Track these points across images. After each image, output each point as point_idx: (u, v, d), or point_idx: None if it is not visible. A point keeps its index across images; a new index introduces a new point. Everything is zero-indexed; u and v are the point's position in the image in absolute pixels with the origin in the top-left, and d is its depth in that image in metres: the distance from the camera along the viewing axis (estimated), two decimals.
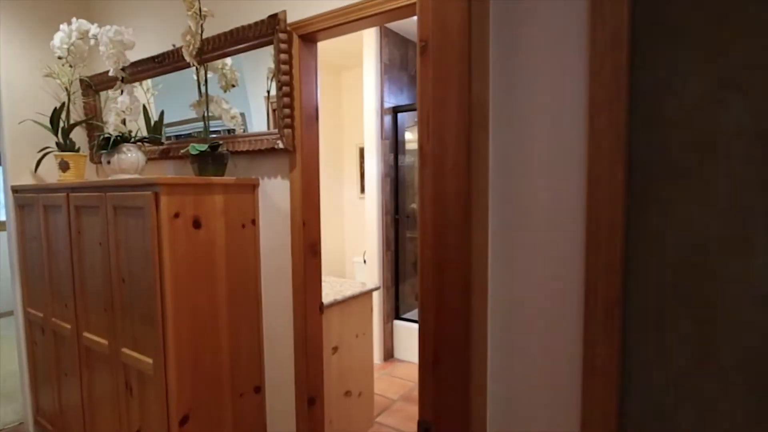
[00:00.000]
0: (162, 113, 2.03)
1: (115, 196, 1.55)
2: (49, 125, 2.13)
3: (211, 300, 1.57)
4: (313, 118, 1.64)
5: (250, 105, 1.93)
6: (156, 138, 1.98)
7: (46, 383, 2.19)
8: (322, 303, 1.74)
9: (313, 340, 1.72)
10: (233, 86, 1.90)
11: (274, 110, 1.82)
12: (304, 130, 1.60)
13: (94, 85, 2.34)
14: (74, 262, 1.83)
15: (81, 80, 2.37)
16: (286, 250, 1.66)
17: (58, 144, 2.15)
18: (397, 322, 3.39)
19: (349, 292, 2.01)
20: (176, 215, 1.44)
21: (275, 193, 1.67)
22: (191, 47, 1.60)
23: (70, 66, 1.86)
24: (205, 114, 1.77)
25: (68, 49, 1.83)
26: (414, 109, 3.36)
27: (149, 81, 2.20)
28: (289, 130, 1.57)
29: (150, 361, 1.49)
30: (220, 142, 1.62)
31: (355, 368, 2.12)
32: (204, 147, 1.57)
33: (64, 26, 1.82)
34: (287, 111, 1.57)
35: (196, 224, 1.51)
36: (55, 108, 2.12)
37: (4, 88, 2.22)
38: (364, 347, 2.17)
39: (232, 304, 1.64)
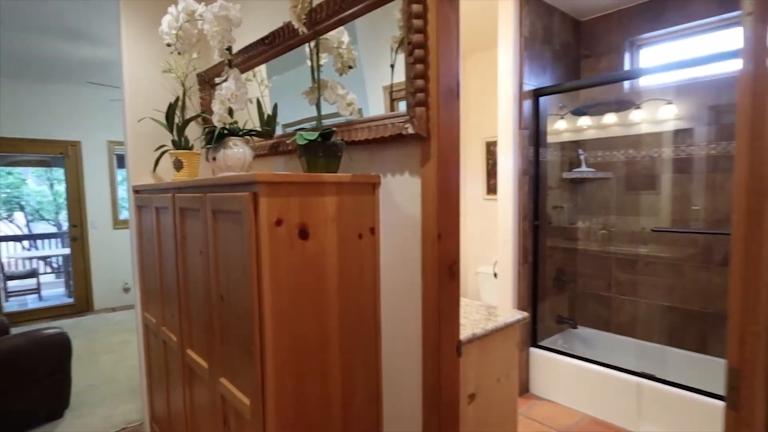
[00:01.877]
0: (275, 107, 1.77)
1: (214, 198, 1.29)
2: (165, 122, 2.02)
3: (319, 331, 1.22)
4: (453, 93, 1.20)
5: (366, 92, 1.57)
6: (266, 131, 1.72)
7: (159, 390, 2.10)
8: (460, 342, 1.30)
9: (448, 388, 1.29)
10: (350, 68, 1.56)
11: (393, 99, 1.44)
12: (442, 108, 1.17)
13: (209, 79, 2.20)
14: (179, 270, 1.64)
15: (197, 75, 2.25)
16: (414, 269, 1.26)
17: (173, 142, 2.03)
18: (534, 351, 2.81)
19: (491, 324, 1.54)
20: (278, 222, 1.12)
21: (401, 194, 1.28)
22: (298, 6, 1.27)
23: (179, 53, 1.69)
24: (318, 101, 1.44)
25: (176, 34, 1.65)
26: (561, 91, 2.75)
27: (263, 72, 1.98)
28: (422, 109, 1.16)
29: (247, 402, 1.19)
30: (334, 128, 1.27)
31: (494, 420, 1.64)
32: (314, 135, 1.23)
33: (171, 8, 1.64)
34: (420, 83, 1.15)
35: (303, 234, 1.17)
36: (170, 104, 1.99)
37: (128, 86, 2.18)
38: (507, 393, 1.67)
39: (345, 336, 1.28)
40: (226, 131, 1.59)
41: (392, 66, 1.37)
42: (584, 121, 3.13)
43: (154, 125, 2.18)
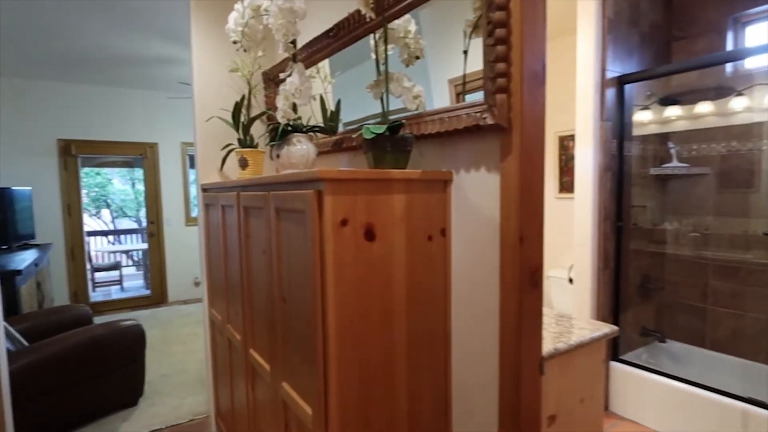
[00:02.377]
0: (338, 103, 1.70)
1: (278, 196, 1.23)
2: (231, 120, 2.03)
3: (385, 342, 1.13)
4: (539, 77, 1.06)
5: (431, 85, 1.45)
6: (330, 127, 1.66)
7: (224, 386, 2.11)
8: (542, 358, 1.16)
9: (528, 410, 1.15)
10: (417, 58, 1.45)
11: (459, 93, 1.32)
12: (526, 95, 1.03)
13: (273, 77, 2.19)
14: (243, 268, 1.62)
15: (262, 73, 2.25)
16: (490, 276, 1.13)
17: (239, 140, 2.03)
18: (615, 366, 2.55)
19: (575, 338, 1.37)
20: (343, 222, 1.04)
21: (476, 193, 1.15)
22: None
23: (245, 50, 1.67)
24: (384, 94, 1.35)
25: (242, 31, 1.63)
26: (651, 77, 2.47)
27: (327, 68, 1.92)
28: (503, 96, 1.03)
29: (309, 411, 1.13)
30: (403, 121, 1.17)
31: None
32: (381, 129, 1.14)
33: (238, 5, 1.62)
34: (501, 67, 1.02)
35: (369, 235, 1.09)
36: (236, 102, 2.00)
37: (197, 87, 2.22)
38: (591, 415, 1.49)
39: (412, 348, 1.18)
40: (290, 128, 1.54)
41: (465, 52, 1.25)
42: (674, 110, 2.80)
43: (221, 124, 2.20)
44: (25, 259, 3.43)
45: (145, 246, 6.10)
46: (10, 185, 4.44)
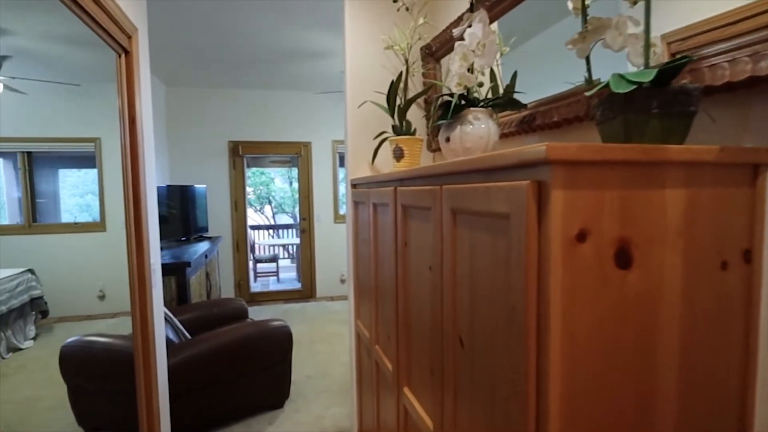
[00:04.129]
0: (515, 75, 1.26)
1: (457, 191, 0.85)
2: (385, 105, 1.73)
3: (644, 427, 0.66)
4: None
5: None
6: (514, 102, 1.22)
7: (369, 408, 1.84)
8: None
9: None
10: None
11: (673, 54, 0.77)
12: None
13: (435, 50, 1.83)
14: (398, 285, 1.29)
15: (421, 48, 1.91)
16: None
17: (393, 128, 1.73)
18: None
19: None
20: (581, 235, 0.60)
21: None
22: None
23: (407, 8, 1.34)
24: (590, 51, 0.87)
25: None
26: None
27: (498, 32, 1.49)
28: None
29: None
30: (685, 57, 0.67)
31: None
32: (648, 75, 0.66)
33: None
34: None
35: (623, 258, 0.63)
36: (392, 81, 1.69)
37: (349, 71, 1.98)
38: None
39: None
40: (464, 101, 1.15)
41: None
42: None
43: (373, 112, 1.93)
44: (197, 251, 3.71)
45: (298, 241, 6.42)
46: (190, 183, 4.97)
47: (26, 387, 3.00)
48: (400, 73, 1.67)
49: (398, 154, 1.68)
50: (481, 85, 1.17)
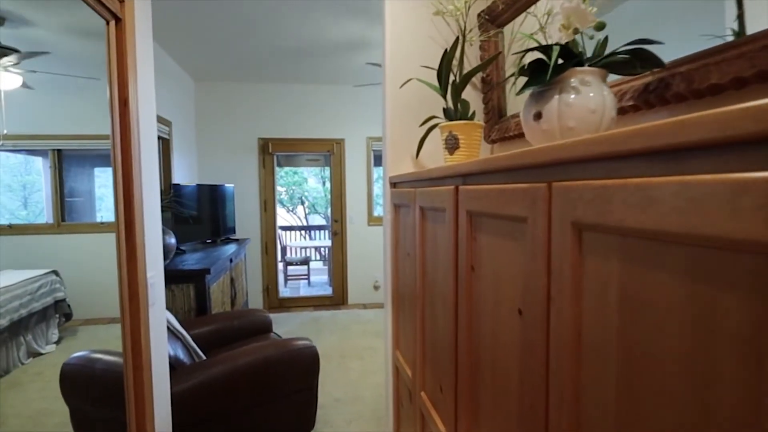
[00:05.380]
0: (605, 40, 0.85)
1: (581, 192, 0.48)
2: (435, 83, 1.37)
3: None
4: None
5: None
6: (647, 56, 0.80)
7: None
8: None
9: None
10: None
11: None
12: None
13: (501, 12, 1.45)
14: (459, 323, 0.92)
15: (478, 14, 1.53)
16: None
17: (445, 111, 1.36)
18: None
19: None
20: None
21: None
22: None
23: None
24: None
25: None
26: None
27: None
28: None
29: None
30: None
31: None
32: None
33: None
34: None
35: None
36: (445, 51, 1.32)
37: (389, 44, 1.62)
38: None
39: None
40: (566, 56, 0.77)
41: None
42: None
43: (418, 94, 1.57)
44: (221, 255, 3.45)
45: (329, 243, 6.13)
46: (218, 182, 4.75)
47: (40, 398, 2.80)
48: (456, 40, 1.30)
49: (452, 144, 1.30)
50: (591, 37, 0.79)
